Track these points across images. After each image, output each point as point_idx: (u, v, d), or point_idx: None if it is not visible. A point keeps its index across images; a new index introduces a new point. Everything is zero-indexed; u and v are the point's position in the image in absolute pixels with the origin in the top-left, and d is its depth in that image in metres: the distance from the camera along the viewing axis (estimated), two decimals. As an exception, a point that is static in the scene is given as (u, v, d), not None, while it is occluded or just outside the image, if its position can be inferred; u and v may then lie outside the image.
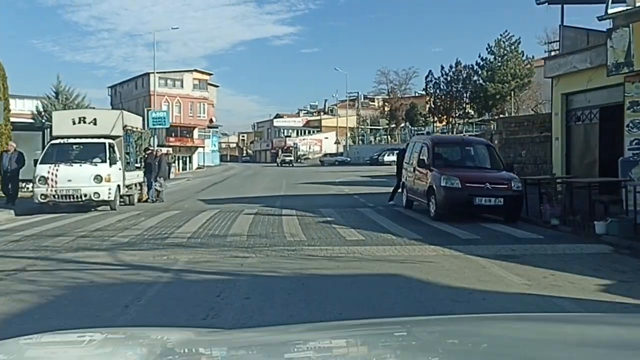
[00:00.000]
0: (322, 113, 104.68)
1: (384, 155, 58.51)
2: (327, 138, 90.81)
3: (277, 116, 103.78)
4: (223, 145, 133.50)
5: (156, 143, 41.44)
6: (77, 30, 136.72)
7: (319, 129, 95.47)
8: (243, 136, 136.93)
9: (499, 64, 55.03)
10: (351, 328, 2.01)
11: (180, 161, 70.66)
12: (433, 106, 61.68)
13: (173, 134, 68.65)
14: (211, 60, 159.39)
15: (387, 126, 77.81)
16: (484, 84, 55.39)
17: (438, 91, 61.05)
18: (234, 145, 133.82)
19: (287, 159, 71.44)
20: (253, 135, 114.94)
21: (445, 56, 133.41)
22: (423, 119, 64.66)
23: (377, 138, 77.61)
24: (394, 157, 60.47)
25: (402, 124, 73.53)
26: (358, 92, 78.31)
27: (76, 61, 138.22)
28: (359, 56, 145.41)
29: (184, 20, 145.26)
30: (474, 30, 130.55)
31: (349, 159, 67.82)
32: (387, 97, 77.72)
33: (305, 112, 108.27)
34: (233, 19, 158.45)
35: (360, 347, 1.74)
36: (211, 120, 79.15)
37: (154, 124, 41.17)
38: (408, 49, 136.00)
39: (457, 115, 60.20)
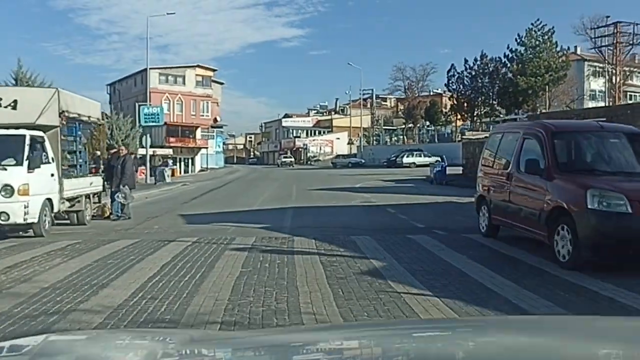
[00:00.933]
0: (333, 113, 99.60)
1: (402, 157, 53.25)
2: (338, 139, 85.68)
3: (286, 116, 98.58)
4: (230, 147, 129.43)
5: (149, 143, 36.53)
6: (88, 34, 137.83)
7: (329, 129, 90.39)
8: (250, 137, 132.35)
9: (531, 55, 49.66)
10: (361, 329, 2.08)
11: (182, 163, 65.78)
12: (456, 103, 56.35)
13: (174, 134, 63.80)
14: (220, 62, 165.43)
15: (403, 125, 72.54)
16: (513, 78, 50.00)
17: (462, 87, 55.71)
18: (241, 146, 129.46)
19: (287, 160, 72.97)
20: (260, 136, 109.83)
21: (453, 58, 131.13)
22: (444, 117, 59.24)
23: (394, 138, 72.34)
24: (414, 159, 55.15)
25: (420, 123, 68.27)
26: (372, 90, 72.94)
27: (87, 64, 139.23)
28: (367, 58, 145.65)
29: (194, 23, 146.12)
30: (482, 31, 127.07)
31: (363, 161, 62.60)
32: (403, 94, 72.49)
33: (316, 111, 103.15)
34: (242, 22, 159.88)
35: (373, 348, 1.70)
36: (215, 120, 74.21)
37: (146, 122, 36.24)
38: (416, 51, 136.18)
39: (483, 112, 54.82)
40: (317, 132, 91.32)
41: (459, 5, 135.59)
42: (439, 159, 28.24)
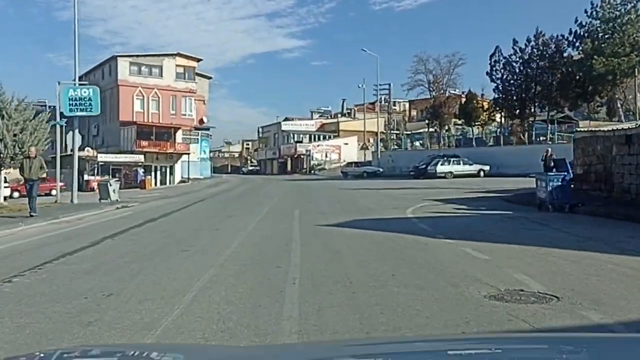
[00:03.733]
0: (339, 115, 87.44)
1: (435, 165, 41.01)
2: (347, 144, 73.58)
3: (287, 120, 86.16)
4: (226, 155, 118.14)
5: (77, 142, 24.52)
6: (92, 44, 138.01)
7: (336, 134, 78.17)
8: (247, 144, 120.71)
9: (610, 30, 37.44)
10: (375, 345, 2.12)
11: (158, 173, 53.57)
12: (501, 96, 44.01)
13: (147, 137, 51.54)
14: (222, 72, 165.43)
15: (424, 128, 60.34)
16: (585, 60, 37.72)
17: (510, 76, 43.48)
18: (237, 154, 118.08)
19: (253, 168, 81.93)
20: (257, 142, 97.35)
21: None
22: (488, 114, 46.75)
23: (415, 143, 59.98)
24: (450, 167, 42.69)
25: (447, 124, 56.01)
26: (389, 85, 60.63)
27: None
28: (368, 69, 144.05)
29: (196, 34, 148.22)
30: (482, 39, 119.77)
31: (381, 170, 50.37)
32: (425, 90, 60.19)
33: (320, 114, 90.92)
34: (244, 32, 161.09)
35: None
36: (202, 121, 62.02)
37: (71, 109, 23.90)
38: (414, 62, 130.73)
39: (536, 106, 42.50)
40: (321, 136, 79.02)
41: (461, 16, 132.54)
42: (564, 163, 15.86)
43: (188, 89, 56.77)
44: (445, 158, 41.87)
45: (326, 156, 71.21)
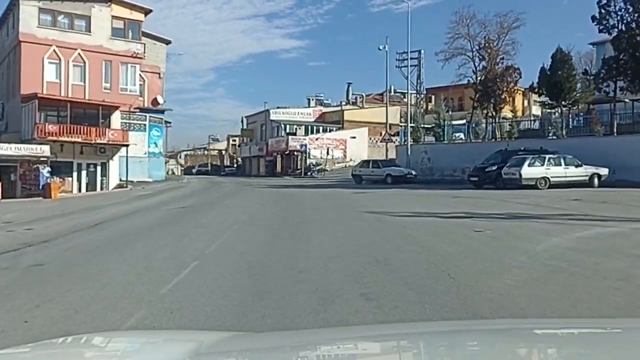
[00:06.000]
0: (343, 103, 70.27)
1: (519, 166, 24.08)
2: (354, 137, 56.73)
3: (278, 109, 68.43)
4: (213, 153, 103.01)
5: None
6: None
7: (339, 126, 61.07)
8: (234, 140, 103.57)
9: None
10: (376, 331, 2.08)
11: (83, 173, 36.08)
12: (624, 54, 26.76)
13: (60, 119, 33.97)
14: (219, 72, 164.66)
15: (470, 111, 43.23)
16: None
17: (622, 32, 26.30)
18: (223, 152, 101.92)
19: (202, 169, 77.46)
20: (241, 136, 79.73)
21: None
22: (598, 82, 29.15)
23: (453, 134, 42.54)
24: (546, 170, 21.79)
25: (504, 105, 38.84)
26: (420, 51, 43.31)
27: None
28: (367, 70, 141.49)
29: (194, 33, 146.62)
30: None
31: (414, 173, 33.09)
32: (468, 60, 42.59)
33: (319, 102, 73.57)
34: (242, 32, 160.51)
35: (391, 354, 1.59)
36: (156, 102, 44.51)
37: None
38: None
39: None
40: (320, 129, 61.81)
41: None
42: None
43: (131, 53, 39.11)
44: (535, 155, 24.62)
45: (327, 153, 53.97)
